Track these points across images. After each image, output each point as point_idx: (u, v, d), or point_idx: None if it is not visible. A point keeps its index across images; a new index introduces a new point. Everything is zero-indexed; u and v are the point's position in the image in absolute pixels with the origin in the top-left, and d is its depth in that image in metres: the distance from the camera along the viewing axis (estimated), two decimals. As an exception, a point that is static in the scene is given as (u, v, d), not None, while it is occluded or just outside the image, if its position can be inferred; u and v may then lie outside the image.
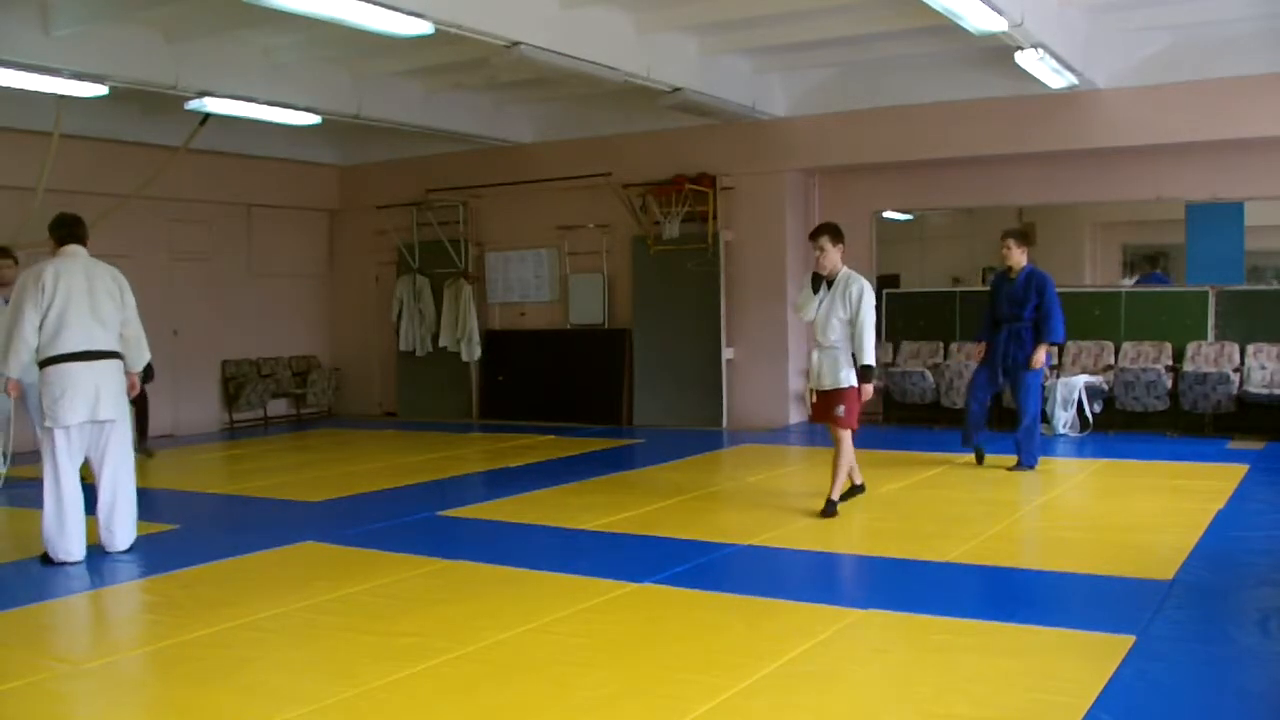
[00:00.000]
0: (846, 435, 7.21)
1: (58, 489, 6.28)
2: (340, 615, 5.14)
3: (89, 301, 6.37)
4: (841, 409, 7.14)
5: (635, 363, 12.88)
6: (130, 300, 6.65)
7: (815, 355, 7.30)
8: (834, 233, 7.21)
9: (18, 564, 6.40)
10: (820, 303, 7.19)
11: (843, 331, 7.11)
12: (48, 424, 6.29)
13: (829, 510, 7.14)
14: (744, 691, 3.99)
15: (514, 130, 13.13)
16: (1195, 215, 10.94)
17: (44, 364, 6.30)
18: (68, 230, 6.56)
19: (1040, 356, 8.58)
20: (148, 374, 10.79)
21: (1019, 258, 8.70)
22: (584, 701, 3.96)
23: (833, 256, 7.17)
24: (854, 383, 7.10)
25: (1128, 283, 11.75)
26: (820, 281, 7.22)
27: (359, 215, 14.74)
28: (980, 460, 9.02)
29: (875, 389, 11.77)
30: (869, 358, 7.04)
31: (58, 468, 6.30)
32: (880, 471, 8.81)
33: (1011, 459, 8.73)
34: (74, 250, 6.52)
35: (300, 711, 3.88)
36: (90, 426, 6.39)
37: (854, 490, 7.57)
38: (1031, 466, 8.63)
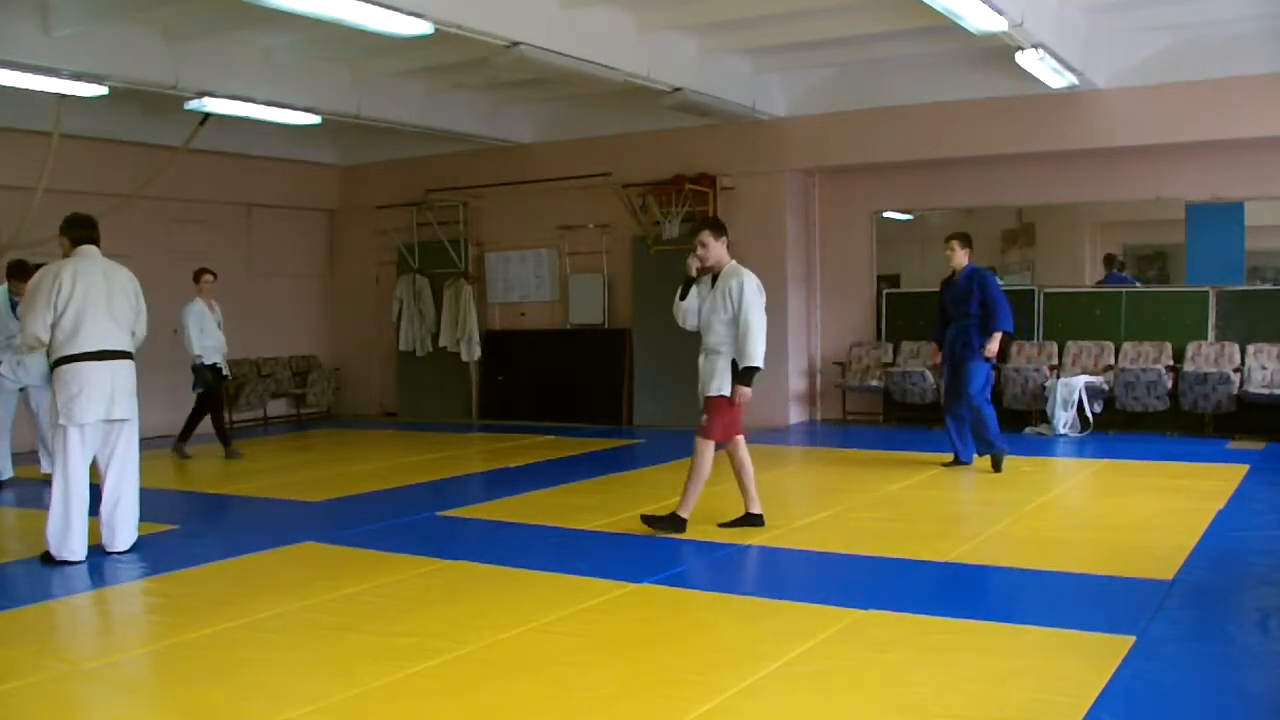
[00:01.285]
0: (704, 446, 6.60)
1: (66, 487, 6.27)
2: (340, 615, 5.13)
3: (106, 302, 6.40)
4: (705, 417, 6.61)
5: (635, 363, 12.88)
6: (143, 305, 6.71)
7: (701, 359, 6.72)
8: (714, 226, 6.73)
9: (18, 564, 6.40)
10: (703, 303, 6.67)
11: (726, 334, 6.52)
12: (62, 421, 6.28)
13: (659, 522, 6.70)
14: (744, 691, 3.99)
15: (514, 130, 13.13)
16: (1195, 215, 10.93)
17: (59, 362, 6.30)
18: (84, 231, 6.57)
19: (994, 346, 8.57)
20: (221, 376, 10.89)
21: (961, 258, 8.80)
22: (584, 701, 3.96)
23: (715, 251, 6.61)
24: (725, 392, 6.51)
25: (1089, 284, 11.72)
26: (701, 280, 6.73)
27: (359, 215, 14.74)
28: (961, 461, 9.00)
29: (876, 389, 11.92)
30: (752, 359, 6.42)
31: (68, 466, 6.30)
32: (880, 471, 8.83)
33: (1024, 457, 8.91)
34: (90, 251, 6.53)
35: (300, 711, 3.88)
36: (102, 425, 6.40)
37: (749, 519, 6.79)
38: (1001, 451, 8.58)
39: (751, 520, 6.80)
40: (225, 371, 10.74)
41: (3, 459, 9.20)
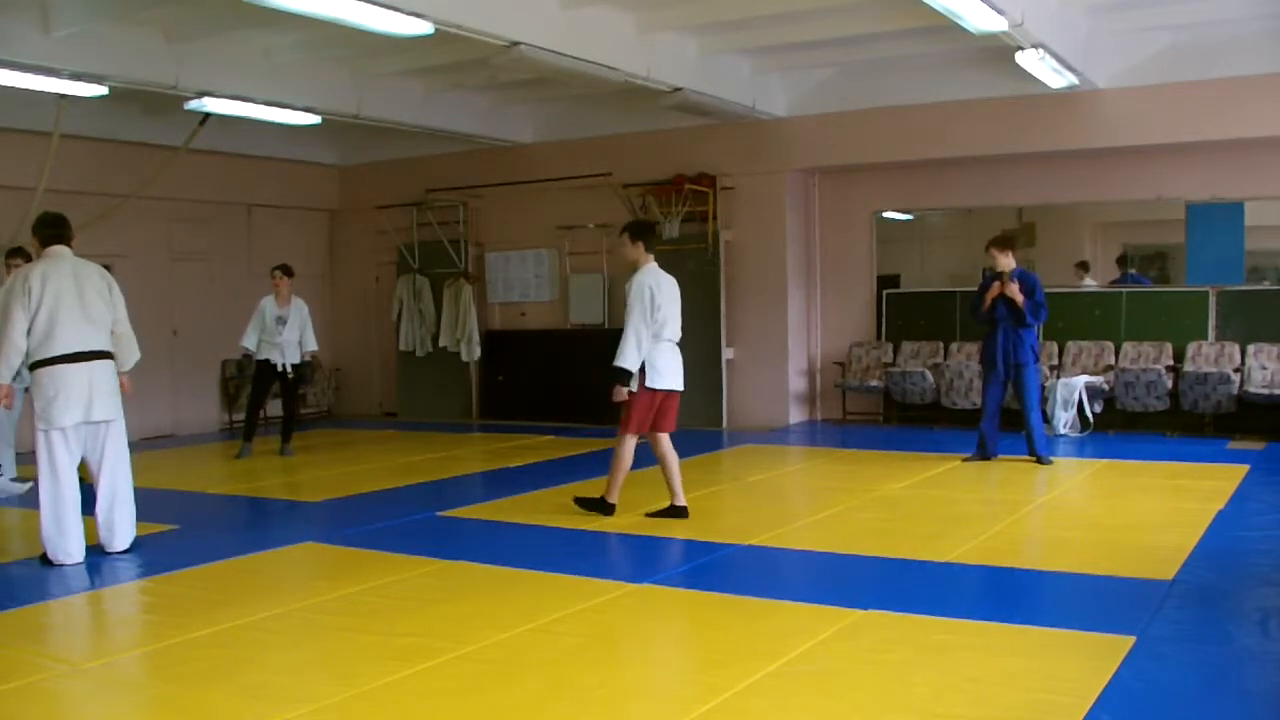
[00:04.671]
0: (620, 440, 7.09)
1: (55, 491, 6.24)
2: (340, 615, 5.14)
3: (79, 302, 6.30)
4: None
5: (635, 363, 12.86)
6: (119, 299, 6.57)
7: None
8: (631, 229, 7.13)
9: (18, 564, 6.40)
10: None
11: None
12: (41, 426, 6.23)
13: (589, 503, 7.25)
14: (744, 691, 3.99)
15: (514, 130, 13.13)
16: (1195, 215, 10.93)
17: (36, 366, 6.24)
18: (54, 231, 6.47)
19: (1013, 287, 8.93)
20: (302, 373, 10.85)
21: (1006, 261, 9.10)
22: (584, 701, 3.96)
23: (627, 251, 7.08)
24: (633, 387, 6.92)
25: (1091, 283, 11.72)
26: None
27: (359, 215, 14.74)
28: (988, 456, 9.20)
29: (876, 389, 11.91)
30: (617, 358, 6.87)
31: (55, 469, 6.26)
32: (880, 471, 8.83)
33: (1026, 458, 9.04)
34: (60, 251, 6.43)
35: (300, 711, 3.88)
36: (85, 427, 6.34)
37: (673, 511, 7.14)
38: (1047, 458, 8.98)
39: (676, 512, 7.09)
40: (281, 368, 10.58)
41: (5, 459, 9.18)
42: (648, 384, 6.91)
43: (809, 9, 9.27)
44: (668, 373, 6.97)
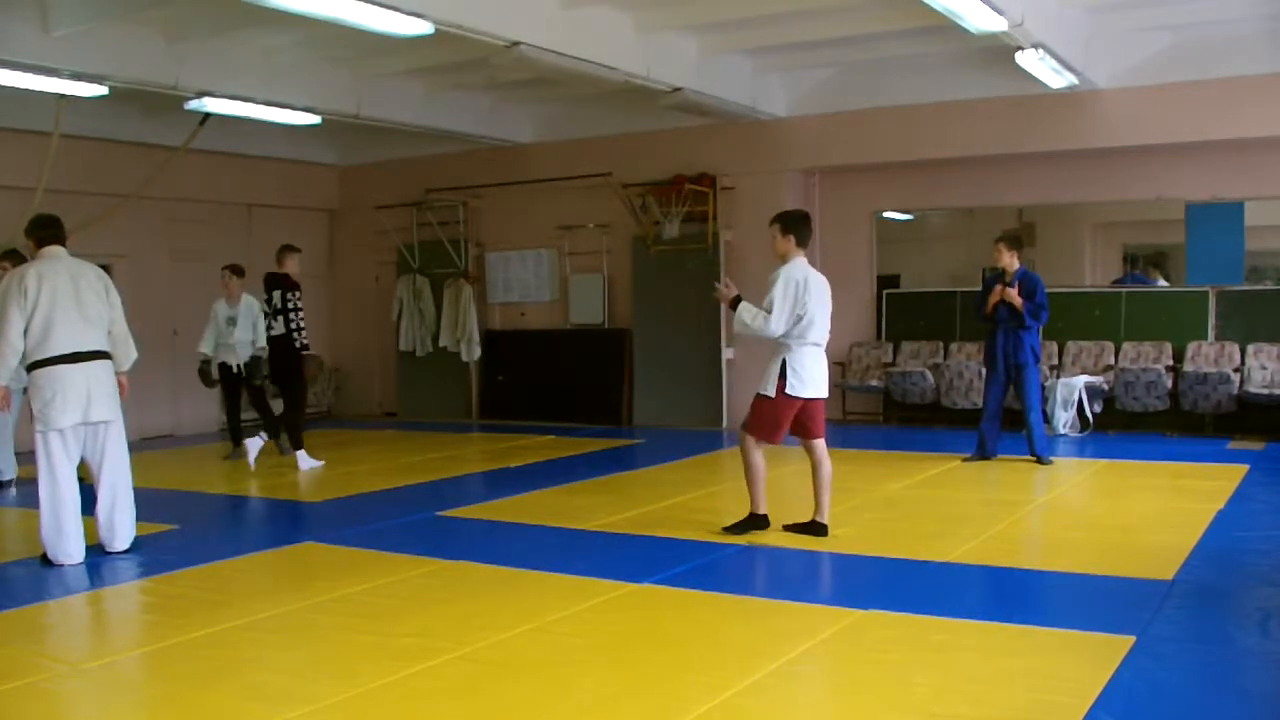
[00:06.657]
0: (743, 440, 6.57)
1: (54, 492, 6.23)
2: (340, 615, 5.13)
3: (75, 302, 6.28)
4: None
5: (635, 363, 12.87)
6: (116, 298, 6.55)
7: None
8: (783, 221, 6.55)
9: (18, 564, 6.40)
10: None
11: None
12: (39, 428, 6.22)
13: (737, 526, 6.64)
14: (744, 691, 3.99)
15: (514, 130, 13.13)
16: (1195, 215, 10.93)
17: (33, 367, 6.22)
18: (48, 231, 6.46)
19: (1012, 292, 8.93)
20: (252, 370, 10.73)
21: (1010, 261, 9.06)
22: (584, 701, 3.96)
23: (778, 245, 6.54)
24: (766, 391, 6.47)
25: (1162, 283, 11.68)
26: None
27: (359, 215, 14.74)
28: (988, 456, 9.21)
29: (876, 389, 11.90)
30: (744, 307, 6.48)
31: (53, 471, 6.25)
32: (880, 471, 8.82)
33: (1026, 457, 9.04)
34: (55, 251, 6.42)
35: (300, 711, 3.88)
36: (84, 428, 6.32)
37: (812, 526, 6.56)
38: (1047, 458, 8.98)
39: (814, 529, 6.53)
40: (235, 369, 10.51)
41: (5, 458, 9.18)
42: (788, 390, 6.38)
43: (809, 9, 9.27)
44: (811, 380, 6.45)
